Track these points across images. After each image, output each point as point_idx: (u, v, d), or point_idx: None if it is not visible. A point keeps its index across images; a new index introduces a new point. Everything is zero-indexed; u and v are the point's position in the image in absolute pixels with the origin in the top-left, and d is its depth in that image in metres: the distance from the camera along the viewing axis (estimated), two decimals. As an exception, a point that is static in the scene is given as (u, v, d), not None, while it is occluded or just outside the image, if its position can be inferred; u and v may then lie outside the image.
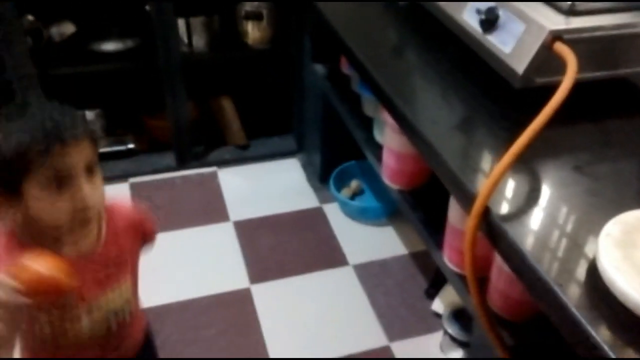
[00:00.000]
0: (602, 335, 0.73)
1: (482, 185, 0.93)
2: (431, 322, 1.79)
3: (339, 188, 2.24)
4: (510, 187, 1.00)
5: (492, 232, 0.93)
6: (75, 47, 2.18)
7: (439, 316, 1.76)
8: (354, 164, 2.24)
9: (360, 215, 2.17)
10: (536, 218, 0.93)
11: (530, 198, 0.98)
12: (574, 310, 0.76)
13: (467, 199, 0.98)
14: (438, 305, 1.80)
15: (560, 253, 0.86)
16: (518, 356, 1.08)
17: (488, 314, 1.03)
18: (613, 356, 0.71)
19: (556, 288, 0.79)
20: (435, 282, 1.86)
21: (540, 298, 0.84)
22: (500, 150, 0.96)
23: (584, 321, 0.75)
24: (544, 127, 0.93)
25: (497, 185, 0.91)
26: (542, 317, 0.89)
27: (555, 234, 0.90)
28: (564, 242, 0.88)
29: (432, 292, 1.86)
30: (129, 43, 2.22)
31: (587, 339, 0.74)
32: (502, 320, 1.14)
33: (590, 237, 0.87)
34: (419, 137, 1.15)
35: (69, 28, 2.16)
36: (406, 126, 1.22)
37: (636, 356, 0.71)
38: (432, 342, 1.74)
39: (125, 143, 2.42)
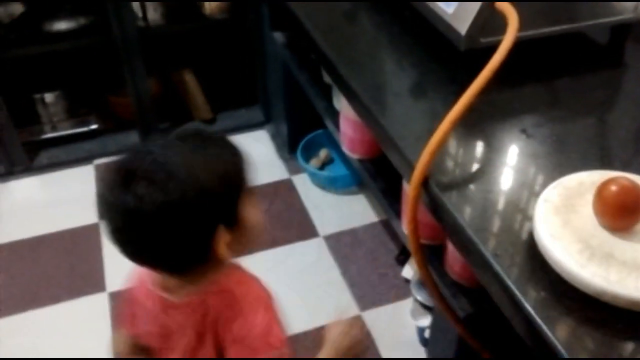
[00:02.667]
0: (536, 308, 0.71)
1: (420, 154, 0.89)
2: (402, 289, 1.78)
3: (308, 158, 2.20)
4: (453, 154, 0.96)
5: (432, 202, 0.90)
6: (26, 28, 2.10)
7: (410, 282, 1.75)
8: (322, 132, 2.20)
9: (330, 185, 2.14)
10: (477, 186, 0.90)
11: (473, 165, 0.95)
12: (510, 283, 0.74)
13: (407, 169, 0.95)
14: (408, 271, 1.78)
15: (499, 222, 0.84)
16: (473, 322, 1.06)
17: (432, 282, 1.01)
18: (547, 330, 0.68)
19: (491, 258, 0.77)
20: (406, 248, 1.84)
21: (478, 269, 0.81)
22: (444, 116, 0.93)
23: (519, 294, 0.73)
24: (486, 90, 0.89)
25: (435, 154, 0.88)
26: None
27: (496, 201, 0.87)
28: (504, 209, 0.85)
29: (403, 258, 1.84)
30: (82, 20, 2.14)
31: (521, 312, 0.72)
32: (462, 288, 1.12)
33: (531, 204, 0.84)
34: (360, 104, 1.12)
35: (17, 8, 2.07)
36: (349, 93, 1.18)
37: (570, 329, 0.69)
38: (403, 309, 1.72)
39: (88, 124, 2.36)
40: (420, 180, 0.89)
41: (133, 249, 0.80)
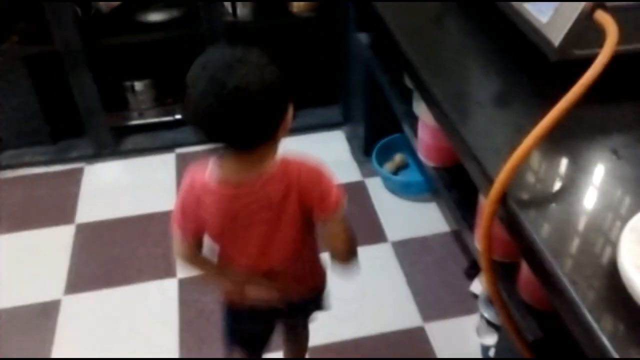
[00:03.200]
0: (613, 341, 0.66)
1: (501, 169, 0.85)
2: (469, 304, 1.73)
3: (383, 161, 2.18)
4: (535, 170, 0.92)
5: (509, 218, 0.86)
6: (122, 18, 2.20)
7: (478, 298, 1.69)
8: (399, 136, 2.17)
9: (403, 190, 2.11)
10: (558, 206, 0.85)
11: (556, 183, 0.90)
12: (585, 311, 0.69)
13: (485, 182, 0.92)
14: (477, 286, 1.73)
15: (580, 246, 0.79)
16: (542, 348, 1.01)
17: (502, 302, 0.97)
18: (623, 365, 0.64)
19: (569, 284, 0.73)
20: (476, 262, 1.79)
21: (552, 293, 0.77)
22: (529, 131, 0.88)
23: (595, 324, 0.68)
24: (577, 105, 0.84)
25: (516, 170, 0.84)
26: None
27: (578, 224, 0.82)
28: (586, 233, 0.80)
29: (473, 272, 1.79)
30: (174, 13, 2.21)
31: (598, 344, 0.67)
32: (533, 310, 1.07)
33: (615, 231, 0.78)
34: (441, 110, 1.09)
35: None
36: (430, 98, 1.15)
37: (650, 367, 0.64)
38: (468, 325, 1.67)
39: (173, 113, 2.44)
40: (498, 196, 0.85)
41: (229, 125, 0.92)
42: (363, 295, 1.79)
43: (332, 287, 1.85)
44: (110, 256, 1.97)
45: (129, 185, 2.27)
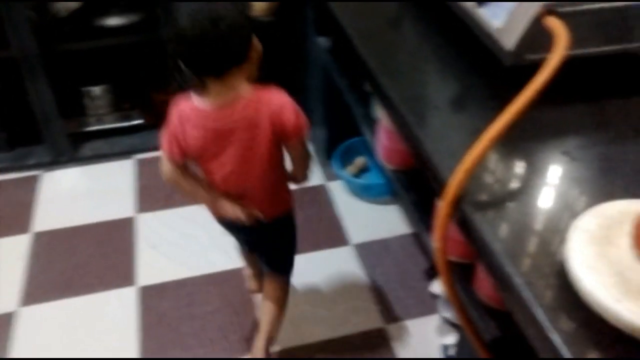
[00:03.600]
0: (565, 340, 0.68)
1: (455, 171, 0.87)
2: (429, 304, 1.75)
3: (344, 164, 2.18)
4: (489, 172, 0.93)
5: (463, 220, 0.87)
6: (80, 22, 2.16)
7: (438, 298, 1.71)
8: (360, 140, 2.18)
9: (364, 193, 2.12)
10: (512, 208, 0.87)
11: (509, 185, 0.92)
12: (541, 312, 0.71)
13: (440, 185, 0.93)
14: (436, 287, 1.75)
15: (533, 247, 0.80)
16: (499, 347, 1.03)
17: (459, 302, 0.98)
18: (574, 362, 0.65)
19: (521, 284, 0.74)
20: (437, 263, 1.81)
21: (507, 293, 0.78)
22: (483, 133, 0.90)
23: (549, 324, 0.69)
24: (532, 108, 0.86)
25: (470, 173, 0.85)
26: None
27: (531, 225, 0.84)
28: (539, 235, 0.82)
29: (432, 273, 1.81)
30: (133, 17, 2.18)
31: (549, 342, 0.69)
32: (490, 309, 1.08)
33: (568, 231, 0.80)
34: (397, 114, 1.10)
35: (73, 3, 2.13)
36: (387, 102, 1.16)
37: (598, 363, 0.66)
38: (428, 326, 1.69)
39: (131, 119, 2.40)
40: (453, 198, 0.86)
41: (210, 51, 1.13)
42: (325, 298, 1.80)
43: (294, 290, 1.84)
44: (69, 265, 1.93)
45: (88, 192, 2.23)
